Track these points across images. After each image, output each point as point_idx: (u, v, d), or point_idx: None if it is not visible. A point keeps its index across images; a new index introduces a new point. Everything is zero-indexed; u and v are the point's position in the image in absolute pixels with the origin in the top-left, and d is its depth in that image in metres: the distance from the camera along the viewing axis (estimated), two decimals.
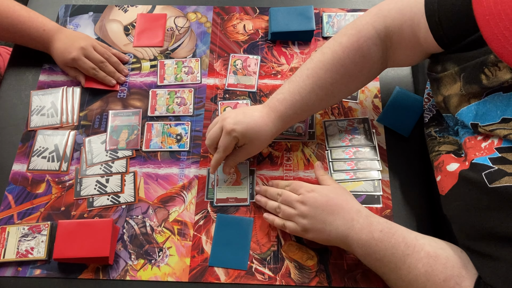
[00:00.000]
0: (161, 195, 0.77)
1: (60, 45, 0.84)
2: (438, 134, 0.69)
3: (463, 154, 0.61)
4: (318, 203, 0.65)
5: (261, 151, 0.80)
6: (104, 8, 0.96)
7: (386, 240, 0.60)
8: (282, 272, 0.71)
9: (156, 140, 0.82)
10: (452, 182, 0.60)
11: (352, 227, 0.62)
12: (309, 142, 0.81)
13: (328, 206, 0.65)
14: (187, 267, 0.71)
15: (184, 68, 0.89)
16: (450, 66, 0.62)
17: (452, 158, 0.62)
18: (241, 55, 0.89)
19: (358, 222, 0.63)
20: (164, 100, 0.85)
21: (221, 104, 0.84)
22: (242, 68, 0.88)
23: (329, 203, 0.65)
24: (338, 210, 0.64)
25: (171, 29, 0.94)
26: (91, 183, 0.78)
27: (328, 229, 0.64)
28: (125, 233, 0.74)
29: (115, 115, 0.84)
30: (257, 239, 0.73)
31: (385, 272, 0.61)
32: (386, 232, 0.60)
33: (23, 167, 0.79)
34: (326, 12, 0.95)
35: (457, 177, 0.59)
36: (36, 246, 0.72)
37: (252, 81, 0.86)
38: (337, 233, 0.63)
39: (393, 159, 0.79)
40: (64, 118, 0.84)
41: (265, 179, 0.78)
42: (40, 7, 0.96)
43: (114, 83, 0.86)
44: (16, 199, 0.76)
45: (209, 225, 0.74)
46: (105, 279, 0.70)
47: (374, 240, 0.60)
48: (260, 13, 0.95)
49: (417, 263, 0.57)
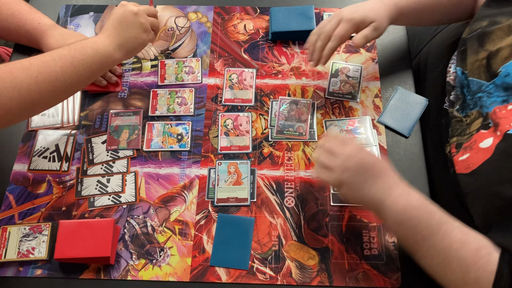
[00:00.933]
0: (162, 195, 0.77)
1: (53, 42, 0.83)
2: (461, 113, 0.69)
3: (491, 124, 0.62)
4: (364, 163, 0.64)
5: (261, 150, 0.80)
6: (104, 8, 0.96)
7: (423, 208, 0.60)
8: (283, 272, 0.71)
9: (157, 140, 0.82)
10: (484, 157, 0.60)
11: (389, 194, 0.62)
12: (310, 142, 0.81)
13: (373, 169, 0.64)
14: (188, 267, 0.71)
15: (185, 68, 0.89)
16: (503, 19, 0.65)
17: (484, 134, 0.63)
18: (236, 68, 0.89)
19: (396, 191, 0.62)
20: (165, 100, 0.85)
21: (222, 116, 0.84)
22: (238, 82, 0.87)
23: (374, 167, 0.64)
24: (380, 176, 0.63)
25: (172, 29, 0.94)
26: (92, 183, 0.78)
27: (365, 191, 0.63)
28: (126, 233, 0.74)
29: (116, 115, 0.84)
30: (258, 239, 0.73)
31: (418, 240, 0.60)
32: (423, 201, 0.61)
33: (24, 167, 0.79)
34: (326, 11, 0.95)
35: (491, 151, 0.60)
36: (37, 246, 0.72)
37: (249, 95, 0.86)
38: (373, 197, 0.63)
39: (394, 159, 0.79)
40: (65, 118, 0.84)
41: (266, 179, 0.78)
42: (41, 7, 0.95)
43: (105, 83, 0.86)
44: (17, 199, 0.76)
45: (210, 225, 0.74)
46: (106, 279, 0.70)
47: (411, 207, 0.60)
48: (261, 13, 0.95)
49: (452, 230, 0.57)
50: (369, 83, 0.87)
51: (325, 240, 0.73)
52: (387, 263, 0.71)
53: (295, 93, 0.86)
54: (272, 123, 0.83)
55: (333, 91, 0.86)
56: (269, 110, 0.84)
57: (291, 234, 0.73)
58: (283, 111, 0.84)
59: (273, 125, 0.83)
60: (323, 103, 0.85)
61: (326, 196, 0.76)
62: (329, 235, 0.73)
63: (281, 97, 0.85)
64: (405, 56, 0.90)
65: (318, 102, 0.85)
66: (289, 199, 0.76)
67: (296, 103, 0.85)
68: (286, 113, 0.84)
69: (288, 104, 0.85)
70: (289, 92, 0.86)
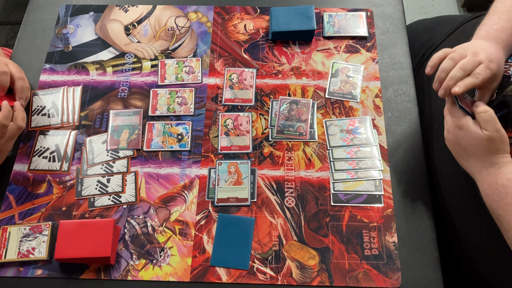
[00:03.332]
0: (162, 195, 0.77)
1: None
2: None
3: None
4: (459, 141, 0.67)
5: (262, 150, 0.80)
6: (104, 8, 0.96)
7: (509, 186, 0.62)
8: (284, 272, 0.71)
9: (157, 139, 0.82)
10: None
11: (479, 172, 0.65)
12: (310, 142, 0.81)
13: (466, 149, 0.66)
14: (189, 267, 0.71)
15: (185, 67, 0.89)
16: None
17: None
18: (236, 68, 0.89)
19: (487, 170, 0.64)
20: (165, 99, 0.85)
21: (222, 116, 0.84)
22: (238, 82, 0.87)
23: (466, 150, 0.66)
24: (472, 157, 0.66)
25: (172, 29, 0.94)
26: (92, 183, 0.78)
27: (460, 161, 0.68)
28: (126, 233, 0.74)
29: (116, 115, 0.84)
30: (258, 239, 0.73)
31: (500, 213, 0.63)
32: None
33: (24, 167, 0.79)
34: (326, 11, 0.95)
35: None
36: (38, 246, 0.72)
37: (249, 95, 0.86)
38: (466, 168, 0.68)
39: (394, 159, 0.79)
40: (65, 118, 0.84)
41: (266, 179, 0.78)
42: (41, 7, 0.96)
43: None
44: (17, 199, 0.76)
45: (211, 225, 0.74)
46: (107, 279, 0.70)
47: (496, 185, 0.63)
48: (261, 12, 0.95)
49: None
50: (369, 83, 0.87)
51: (325, 240, 0.73)
52: (387, 263, 0.71)
53: (295, 93, 0.86)
54: (272, 123, 0.83)
55: (333, 91, 0.86)
56: (269, 110, 0.84)
57: (292, 234, 0.73)
58: (283, 111, 0.84)
59: (274, 125, 0.83)
60: (323, 103, 0.85)
61: (326, 196, 0.76)
62: (329, 235, 0.73)
63: (281, 97, 0.85)
64: (405, 56, 0.90)
65: (318, 102, 0.85)
66: (290, 199, 0.76)
67: (296, 103, 0.85)
68: (286, 113, 0.84)
69: (288, 104, 0.85)
70: (289, 92, 0.86)
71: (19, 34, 0.93)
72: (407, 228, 0.74)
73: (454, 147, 0.69)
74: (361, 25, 0.92)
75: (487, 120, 0.63)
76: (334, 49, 0.91)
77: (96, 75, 0.89)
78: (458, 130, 0.66)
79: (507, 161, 0.64)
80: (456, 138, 0.67)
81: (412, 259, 0.71)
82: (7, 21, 1.96)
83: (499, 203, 0.62)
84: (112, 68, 0.89)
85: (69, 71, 0.89)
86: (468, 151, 0.66)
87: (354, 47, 0.91)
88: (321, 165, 0.79)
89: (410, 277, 0.70)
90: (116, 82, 0.88)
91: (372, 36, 0.92)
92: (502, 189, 0.62)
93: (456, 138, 0.67)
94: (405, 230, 0.74)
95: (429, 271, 0.70)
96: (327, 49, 0.91)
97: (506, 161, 0.64)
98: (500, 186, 0.62)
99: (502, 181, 0.62)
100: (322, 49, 0.91)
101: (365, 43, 0.91)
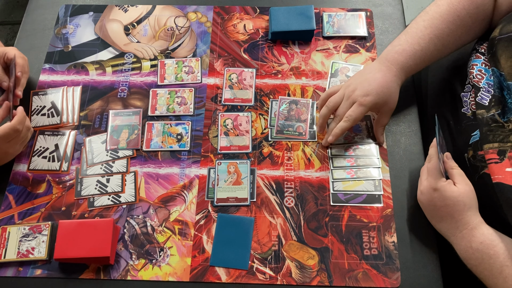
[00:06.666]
0: (162, 195, 0.77)
1: None
2: (502, 118, 0.67)
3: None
4: (433, 202, 0.67)
5: (261, 150, 0.80)
6: (104, 8, 0.96)
7: (484, 251, 0.62)
8: (283, 272, 0.71)
9: (157, 139, 0.82)
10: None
11: (454, 234, 0.66)
12: (309, 142, 0.81)
13: (440, 210, 0.67)
14: (188, 266, 0.71)
15: (185, 67, 0.89)
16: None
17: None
18: (235, 68, 0.89)
19: (460, 232, 0.65)
20: (164, 99, 0.85)
21: (221, 116, 0.84)
22: (238, 82, 0.87)
23: (440, 211, 0.67)
24: (446, 218, 0.66)
25: (171, 29, 0.94)
26: (91, 183, 0.78)
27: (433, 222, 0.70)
28: (126, 233, 0.74)
29: (116, 115, 0.84)
30: (258, 239, 0.73)
31: (481, 277, 0.63)
32: (486, 244, 0.62)
33: (23, 167, 0.79)
34: (326, 11, 0.95)
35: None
36: (37, 246, 0.72)
37: (249, 95, 0.86)
38: (440, 230, 0.69)
39: (394, 158, 0.79)
40: (65, 118, 0.84)
41: (266, 179, 0.78)
42: (40, 7, 0.96)
43: None
44: (17, 199, 0.76)
45: (210, 224, 0.74)
46: (106, 279, 0.70)
47: (471, 249, 0.63)
48: (261, 12, 0.95)
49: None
50: None
51: (325, 240, 0.73)
52: (387, 263, 0.71)
53: (295, 93, 0.86)
54: (272, 123, 0.83)
55: None
56: (268, 110, 0.84)
57: (291, 234, 0.73)
58: (283, 111, 0.84)
59: (273, 125, 0.83)
60: None
61: (326, 196, 0.76)
62: (329, 235, 0.73)
63: (280, 97, 0.85)
64: None
65: (317, 102, 0.85)
66: (289, 199, 0.76)
67: (296, 103, 0.85)
68: (286, 113, 0.84)
69: (287, 104, 0.85)
70: (288, 92, 0.86)
71: (18, 34, 0.93)
72: (406, 228, 0.74)
73: (428, 208, 0.69)
74: (360, 25, 0.92)
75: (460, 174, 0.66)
76: (333, 49, 0.91)
77: (96, 75, 0.89)
78: (433, 191, 0.67)
79: (478, 221, 0.65)
80: (431, 199, 0.68)
81: (412, 259, 0.71)
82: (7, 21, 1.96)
83: (478, 267, 0.63)
84: (112, 68, 0.89)
85: (69, 71, 0.89)
86: (443, 212, 0.66)
87: (354, 47, 0.91)
88: (320, 165, 0.79)
89: (409, 277, 0.70)
90: (115, 82, 0.88)
91: (372, 36, 0.92)
92: (478, 254, 0.62)
93: (430, 199, 0.68)
94: (405, 230, 0.74)
95: (429, 271, 0.70)
96: (327, 49, 0.91)
97: (477, 221, 0.64)
98: (475, 251, 0.63)
99: (476, 245, 0.62)
100: (322, 49, 0.91)
101: (364, 43, 0.91)
